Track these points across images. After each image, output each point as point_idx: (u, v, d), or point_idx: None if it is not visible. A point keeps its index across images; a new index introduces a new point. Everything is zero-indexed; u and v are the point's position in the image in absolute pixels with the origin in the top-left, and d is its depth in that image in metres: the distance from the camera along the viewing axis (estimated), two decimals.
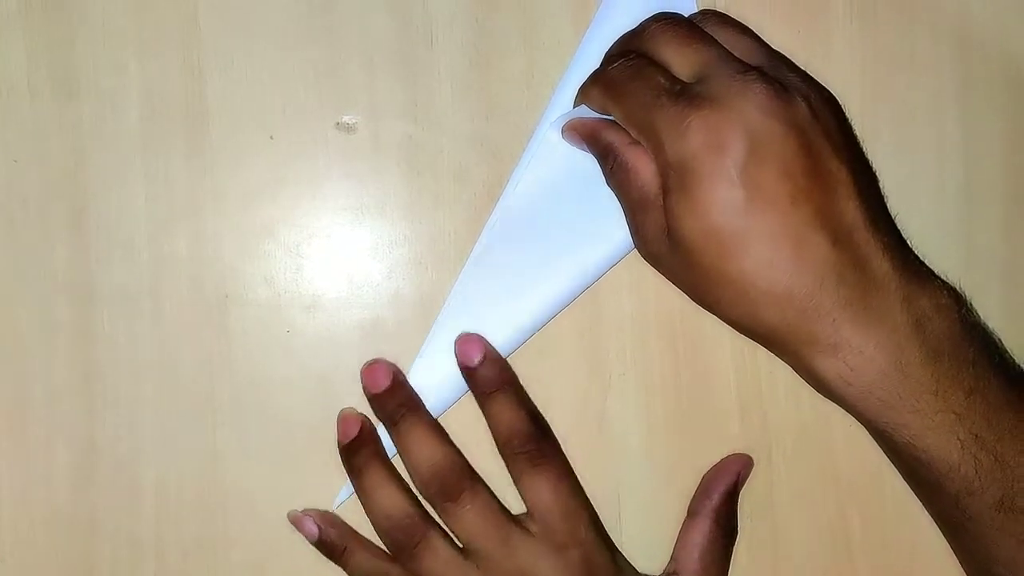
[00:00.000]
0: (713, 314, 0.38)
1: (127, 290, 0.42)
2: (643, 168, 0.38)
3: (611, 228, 0.41)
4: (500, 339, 0.42)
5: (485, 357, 0.41)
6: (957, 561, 0.42)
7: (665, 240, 0.37)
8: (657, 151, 0.36)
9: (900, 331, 0.36)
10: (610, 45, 0.41)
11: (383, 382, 0.41)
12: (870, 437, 0.39)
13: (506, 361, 0.42)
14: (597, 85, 0.39)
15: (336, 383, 0.43)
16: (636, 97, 0.37)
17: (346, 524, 0.42)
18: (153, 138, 0.43)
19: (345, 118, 0.43)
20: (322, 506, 0.42)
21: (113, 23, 0.42)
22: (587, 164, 0.40)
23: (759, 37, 0.39)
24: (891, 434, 0.37)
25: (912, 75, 0.44)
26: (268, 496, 0.43)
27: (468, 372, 0.41)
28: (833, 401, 0.38)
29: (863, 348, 0.36)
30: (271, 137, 0.43)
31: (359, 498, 0.41)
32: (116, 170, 0.43)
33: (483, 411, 0.41)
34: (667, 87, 0.37)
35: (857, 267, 0.36)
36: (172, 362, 0.43)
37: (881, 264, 0.36)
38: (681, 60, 0.38)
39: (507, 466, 0.41)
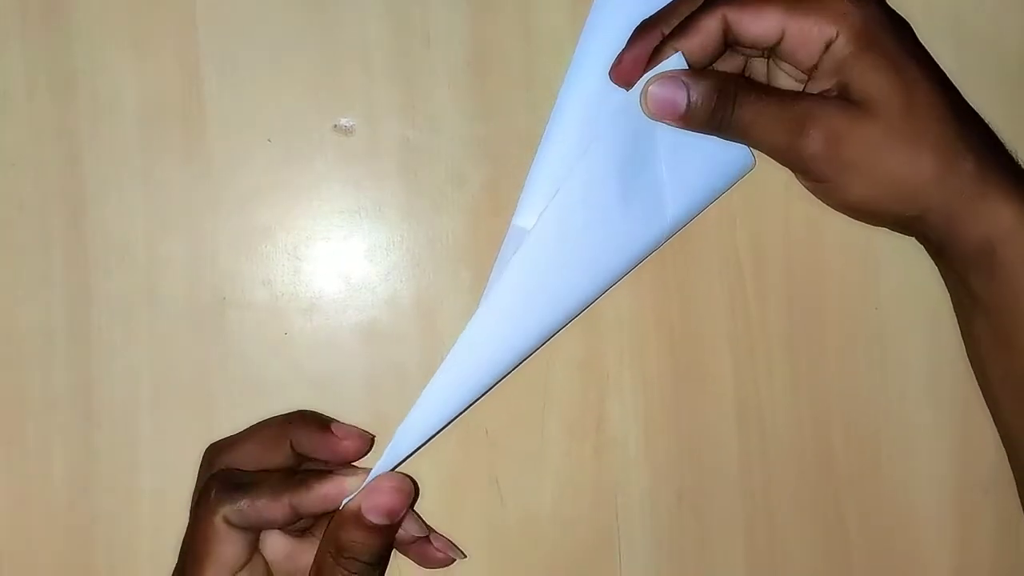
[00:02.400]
0: (874, 193, 0.39)
1: (124, 293, 0.42)
2: (774, 79, 0.41)
3: (658, 210, 0.40)
4: (548, 320, 0.40)
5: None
6: (955, 560, 0.42)
7: (846, 114, 0.38)
8: (840, 19, 0.38)
9: None
10: (608, 43, 0.41)
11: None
12: (868, 435, 0.39)
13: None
14: (745, 7, 0.38)
15: (334, 385, 0.43)
16: None
17: None
18: (150, 141, 0.43)
19: (342, 120, 0.43)
20: None
21: (110, 26, 0.42)
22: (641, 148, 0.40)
23: None
24: None
25: None
26: None
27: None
28: (977, 267, 0.39)
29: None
30: (269, 140, 0.43)
31: None
32: (113, 173, 0.42)
33: None
34: None
35: (991, 138, 0.40)
36: (169, 365, 0.42)
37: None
38: None
39: None
